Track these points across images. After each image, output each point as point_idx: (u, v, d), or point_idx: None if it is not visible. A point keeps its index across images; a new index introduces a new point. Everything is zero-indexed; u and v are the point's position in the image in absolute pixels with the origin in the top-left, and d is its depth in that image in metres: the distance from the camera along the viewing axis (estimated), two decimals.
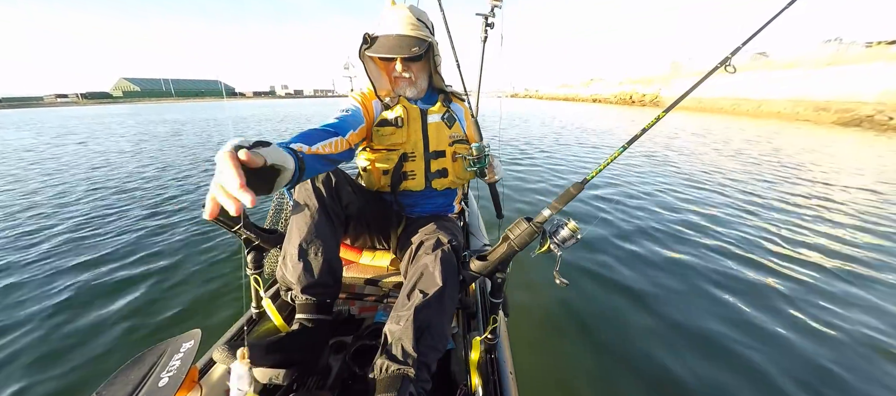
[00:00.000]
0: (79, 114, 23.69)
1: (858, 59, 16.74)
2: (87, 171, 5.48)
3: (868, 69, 15.44)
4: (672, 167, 5.37)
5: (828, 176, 4.84)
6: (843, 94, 15.57)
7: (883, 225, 3.07)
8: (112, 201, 3.91)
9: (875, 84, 14.76)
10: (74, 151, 7.60)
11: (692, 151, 6.89)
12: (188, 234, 2.91)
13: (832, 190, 4.18)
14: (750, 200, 3.75)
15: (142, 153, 7.22)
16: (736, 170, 5.17)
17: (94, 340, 1.71)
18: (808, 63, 18.47)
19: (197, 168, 5.68)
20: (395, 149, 1.10)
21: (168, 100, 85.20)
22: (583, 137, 9.24)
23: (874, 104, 13.81)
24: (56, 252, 2.64)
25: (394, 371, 0.70)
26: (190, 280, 2.25)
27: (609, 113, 19.84)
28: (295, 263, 0.88)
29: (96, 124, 16.10)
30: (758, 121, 15.23)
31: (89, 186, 4.56)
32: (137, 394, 0.64)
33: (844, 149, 7.46)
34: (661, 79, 31.29)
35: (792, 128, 12.31)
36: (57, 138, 10.36)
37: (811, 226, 3.04)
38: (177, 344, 0.75)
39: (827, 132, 10.94)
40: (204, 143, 8.63)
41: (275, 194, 1.17)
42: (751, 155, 6.37)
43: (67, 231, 3.04)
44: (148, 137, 10.05)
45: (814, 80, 17.28)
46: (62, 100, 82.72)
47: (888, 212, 3.38)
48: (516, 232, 0.74)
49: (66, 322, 1.83)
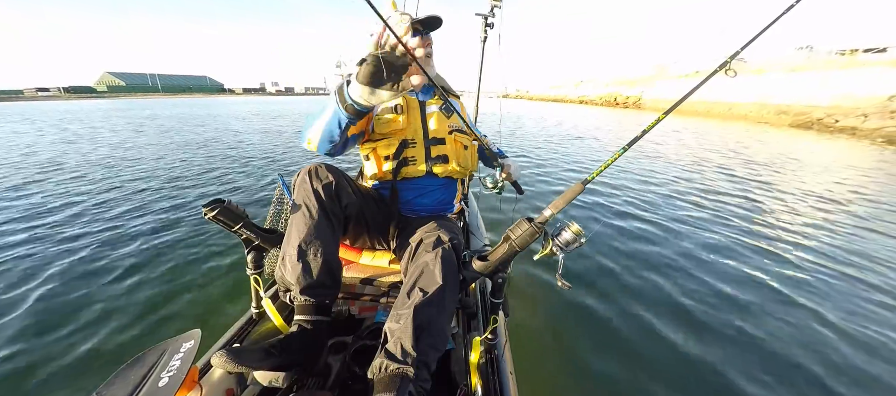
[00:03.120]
0: (70, 109, 22.50)
1: (817, 66, 17.62)
2: (90, 166, 5.22)
3: (825, 76, 16.28)
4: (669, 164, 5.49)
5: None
6: (801, 99, 16.42)
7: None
8: (108, 202, 3.74)
9: (830, 90, 15.60)
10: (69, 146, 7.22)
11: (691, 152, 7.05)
12: (189, 234, 2.82)
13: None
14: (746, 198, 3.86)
15: (133, 149, 6.92)
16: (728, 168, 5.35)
17: (93, 341, 1.65)
18: (774, 68, 19.28)
19: (193, 169, 5.48)
20: (395, 135, 1.11)
21: (155, 96, 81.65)
22: (566, 139, 9.40)
23: (827, 108, 14.69)
24: (57, 250, 2.53)
25: (393, 371, 0.68)
26: (189, 280, 2.18)
27: (593, 114, 20.19)
28: (294, 264, 0.86)
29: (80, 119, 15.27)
30: (728, 122, 15.85)
31: (78, 180, 4.34)
32: (137, 394, 0.62)
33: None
34: (644, 80, 31.99)
35: (756, 129, 12.97)
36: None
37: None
38: (177, 344, 0.73)
39: (782, 133, 11.69)
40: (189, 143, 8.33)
41: (275, 194, 1.15)
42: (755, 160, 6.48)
43: (66, 231, 2.90)
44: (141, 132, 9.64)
45: (778, 86, 18.10)
46: (43, 95, 78.14)
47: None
48: (517, 232, 0.73)
49: (57, 324, 1.75)
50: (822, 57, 20.85)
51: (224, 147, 7.30)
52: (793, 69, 18.44)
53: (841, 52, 21.94)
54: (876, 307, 1.96)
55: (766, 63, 20.39)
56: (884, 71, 14.12)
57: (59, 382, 1.43)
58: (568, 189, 0.71)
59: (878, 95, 13.28)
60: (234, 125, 12.09)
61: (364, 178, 1.29)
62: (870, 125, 11.81)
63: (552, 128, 11.97)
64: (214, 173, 5.06)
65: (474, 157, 1.26)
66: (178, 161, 5.88)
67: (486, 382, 0.82)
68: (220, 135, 9.03)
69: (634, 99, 29.31)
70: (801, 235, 2.96)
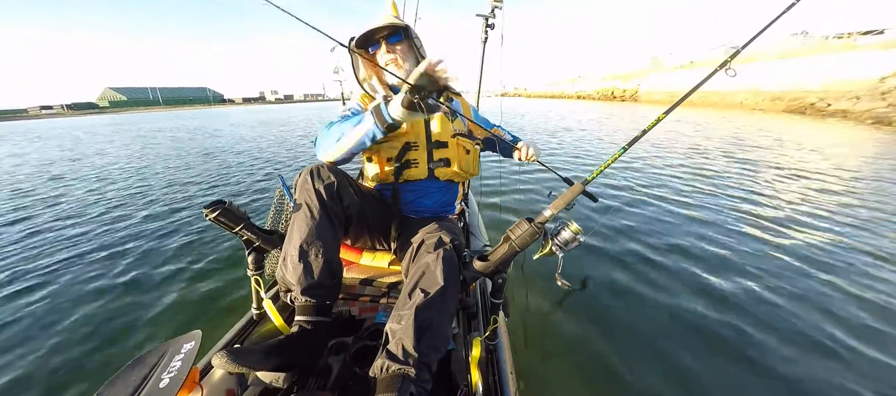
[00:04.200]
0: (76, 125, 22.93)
1: (811, 51, 17.54)
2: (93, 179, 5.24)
3: (819, 61, 16.20)
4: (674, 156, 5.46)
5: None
6: (794, 85, 16.38)
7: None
8: (109, 205, 3.77)
9: (821, 75, 15.55)
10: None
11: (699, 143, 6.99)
12: (188, 234, 2.83)
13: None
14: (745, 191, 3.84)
15: (134, 156, 6.98)
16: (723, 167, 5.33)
17: (92, 341, 1.65)
18: (767, 55, 19.21)
19: (190, 170, 5.50)
20: (398, 138, 1.10)
21: (157, 109, 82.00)
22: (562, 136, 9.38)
23: (819, 92, 14.65)
24: (55, 251, 2.55)
25: (394, 371, 0.67)
26: (190, 280, 2.19)
27: (591, 108, 20.18)
28: (295, 264, 0.85)
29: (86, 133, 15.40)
30: (723, 111, 15.80)
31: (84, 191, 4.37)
32: (138, 395, 0.62)
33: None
34: (639, 73, 31.93)
35: (752, 117, 12.98)
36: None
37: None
38: (178, 345, 0.73)
39: (776, 118, 11.75)
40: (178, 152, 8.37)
41: (275, 195, 1.15)
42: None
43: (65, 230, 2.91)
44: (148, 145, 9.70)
45: (771, 72, 18.02)
46: (47, 112, 78.58)
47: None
48: (517, 232, 0.72)
49: (62, 327, 1.76)
50: (816, 42, 20.76)
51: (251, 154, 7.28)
52: (784, 55, 18.36)
53: (838, 35, 21.81)
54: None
55: (759, 50, 20.28)
56: (878, 53, 14.03)
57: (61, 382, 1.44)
58: (568, 189, 0.70)
59: (869, 78, 13.22)
60: (245, 133, 12.20)
61: (365, 179, 1.28)
62: (860, 107, 11.84)
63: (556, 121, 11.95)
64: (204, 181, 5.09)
65: (476, 162, 1.26)
66: (182, 165, 5.92)
67: (486, 382, 0.82)
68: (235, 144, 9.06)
69: (631, 92, 29.24)
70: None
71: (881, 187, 3.82)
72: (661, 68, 31.05)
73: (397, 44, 1.12)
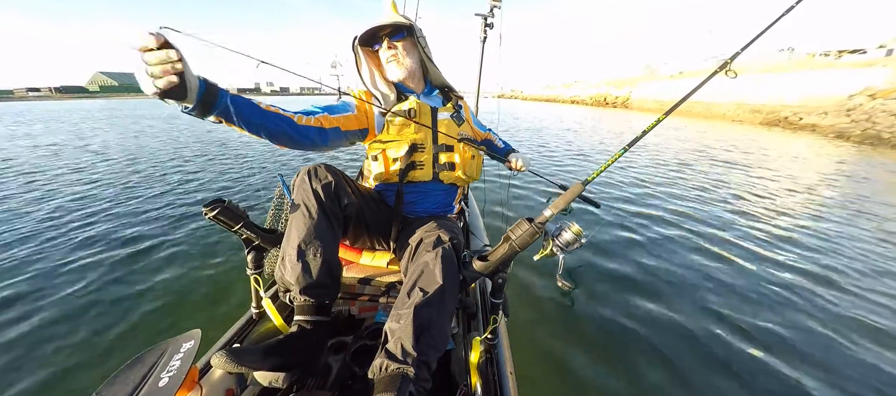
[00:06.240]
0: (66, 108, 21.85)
1: (792, 67, 18.10)
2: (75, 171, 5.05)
3: (798, 77, 16.75)
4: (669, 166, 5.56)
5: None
6: (775, 99, 16.96)
7: None
8: (102, 200, 3.64)
9: (799, 90, 16.12)
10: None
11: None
12: (188, 235, 2.75)
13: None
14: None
15: (129, 150, 6.75)
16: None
17: (91, 342, 1.60)
18: (751, 70, 19.74)
19: (188, 168, 5.35)
20: (405, 138, 1.09)
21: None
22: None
23: (794, 107, 15.24)
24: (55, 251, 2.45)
25: (393, 371, 0.66)
26: (189, 280, 2.13)
27: (584, 113, 20.34)
28: (294, 264, 0.83)
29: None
30: (707, 121, 16.17)
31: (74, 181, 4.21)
32: (137, 394, 0.60)
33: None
34: (631, 81, 32.39)
35: (731, 127, 13.37)
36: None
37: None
38: (177, 344, 0.71)
39: (753, 129, 12.29)
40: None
41: (275, 194, 1.12)
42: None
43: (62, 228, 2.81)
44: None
45: (754, 86, 18.56)
46: (34, 95, 75.28)
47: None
48: (518, 232, 0.71)
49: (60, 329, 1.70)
50: (801, 58, 21.40)
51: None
52: (769, 69, 18.90)
53: (825, 53, 22.47)
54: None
55: (748, 64, 20.81)
56: (851, 72, 14.56)
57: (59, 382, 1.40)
58: (568, 189, 0.70)
59: (839, 95, 13.77)
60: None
61: (364, 179, 1.27)
62: (827, 122, 12.52)
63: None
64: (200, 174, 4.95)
65: (480, 167, 1.26)
66: (179, 160, 5.74)
67: (486, 382, 0.81)
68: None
69: (623, 99, 29.66)
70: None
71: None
72: (654, 76, 31.54)
73: (399, 41, 1.10)
